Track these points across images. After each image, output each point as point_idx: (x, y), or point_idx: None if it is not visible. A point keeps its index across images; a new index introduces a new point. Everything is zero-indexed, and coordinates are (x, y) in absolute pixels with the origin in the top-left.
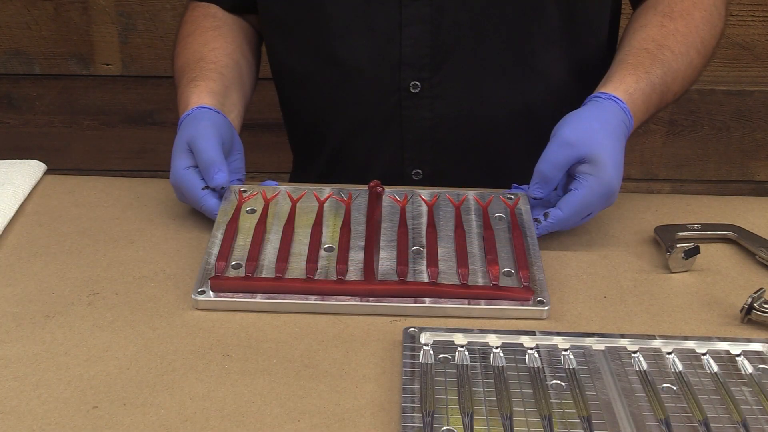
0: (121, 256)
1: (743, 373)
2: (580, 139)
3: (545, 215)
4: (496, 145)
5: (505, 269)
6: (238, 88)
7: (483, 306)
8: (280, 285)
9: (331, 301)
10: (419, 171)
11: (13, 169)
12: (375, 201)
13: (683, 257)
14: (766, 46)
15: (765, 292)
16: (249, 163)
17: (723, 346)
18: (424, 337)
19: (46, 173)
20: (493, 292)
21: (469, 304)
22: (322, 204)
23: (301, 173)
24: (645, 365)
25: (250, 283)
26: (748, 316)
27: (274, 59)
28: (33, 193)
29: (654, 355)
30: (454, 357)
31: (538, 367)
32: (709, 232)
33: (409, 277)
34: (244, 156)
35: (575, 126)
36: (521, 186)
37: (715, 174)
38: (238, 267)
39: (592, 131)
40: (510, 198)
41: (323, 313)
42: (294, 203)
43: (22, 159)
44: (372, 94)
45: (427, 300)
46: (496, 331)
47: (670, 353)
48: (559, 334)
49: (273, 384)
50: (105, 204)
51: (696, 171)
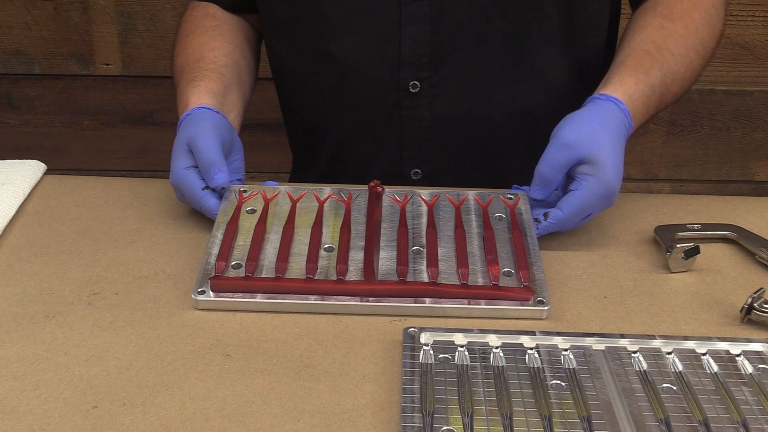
0: (121, 256)
1: (743, 373)
2: (579, 141)
3: (545, 215)
4: (495, 145)
5: (505, 269)
6: (237, 88)
7: (483, 306)
8: (280, 285)
9: (331, 301)
10: (418, 170)
11: (13, 169)
12: (375, 201)
13: (683, 257)
14: (766, 46)
15: (765, 292)
16: (249, 163)
17: (723, 346)
18: (424, 337)
19: (46, 173)
20: (493, 292)
21: (469, 304)
22: (322, 204)
23: (301, 173)
24: (645, 365)
25: (250, 283)
26: (748, 316)
27: (273, 59)
28: (33, 193)
29: (654, 355)
30: (454, 357)
31: (538, 367)
32: (709, 232)
33: (409, 277)
34: (243, 156)
35: (575, 127)
36: (522, 187)
37: (715, 174)
38: (238, 267)
39: (592, 132)
40: (510, 198)
41: (323, 313)
42: (294, 203)
43: (22, 159)
44: (371, 94)
45: (427, 300)
46: (496, 331)
47: (670, 353)
48: (559, 334)
49: (273, 384)
50: (105, 204)
51: (696, 171)
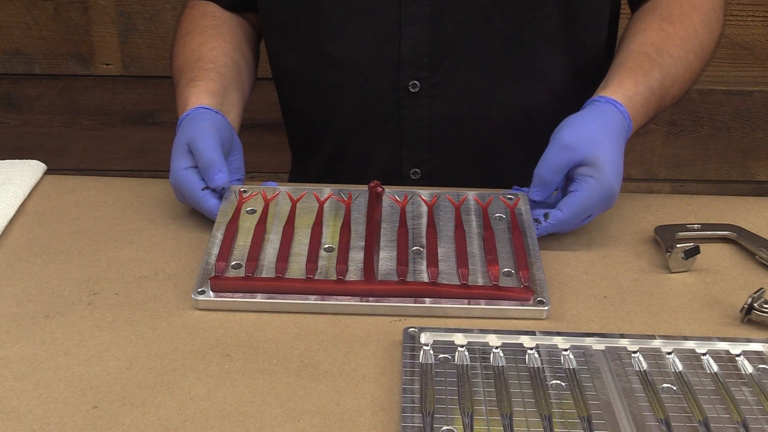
0: (121, 256)
1: (743, 373)
2: (579, 143)
3: (545, 216)
4: (494, 145)
5: (505, 269)
6: (236, 88)
7: (483, 306)
8: (280, 285)
9: (331, 301)
10: (417, 170)
11: (13, 169)
12: (375, 201)
13: (683, 257)
14: (766, 46)
15: (765, 292)
16: (249, 163)
17: (723, 346)
18: (424, 337)
19: (46, 173)
20: (493, 292)
21: (469, 304)
22: (322, 204)
23: (301, 173)
24: (645, 365)
25: (250, 283)
26: (748, 316)
27: (273, 58)
28: (33, 193)
29: (654, 355)
30: (454, 357)
31: (538, 367)
32: (709, 232)
33: (409, 277)
34: (243, 156)
35: (574, 129)
36: (522, 188)
37: (715, 174)
38: (238, 267)
39: (591, 134)
40: (510, 198)
41: (323, 313)
42: (294, 203)
43: (22, 159)
44: (371, 94)
45: (427, 300)
46: (496, 331)
47: (670, 353)
48: (559, 334)
49: (273, 384)
50: (105, 204)
51: (696, 171)
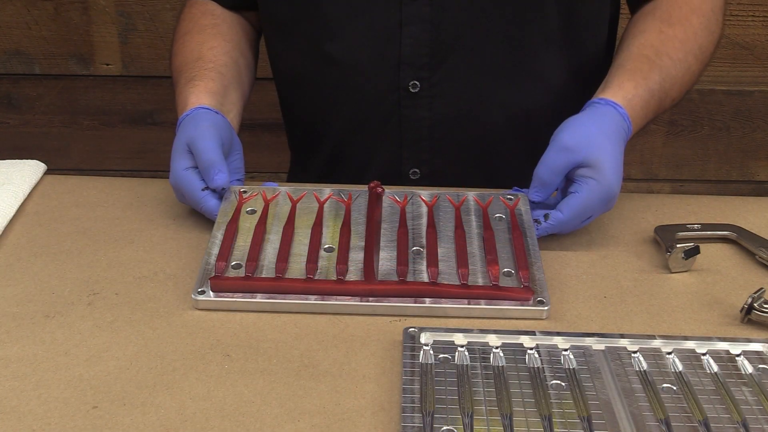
0: (121, 256)
1: (743, 373)
2: (578, 144)
3: (545, 217)
4: (493, 146)
5: (505, 269)
6: (236, 88)
7: (483, 306)
8: (280, 285)
9: (331, 301)
10: (417, 170)
11: (13, 169)
12: (375, 201)
13: (683, 257)
14: (766, 46)
15: (765, 292)
16: (249, 164)
17: (723, 346)
18: (424, 337)
19: (46, 173)
20: (493, 292)
21: (469, 304)
22: (322, 204)
23: (300, 172)
24: (645, 365)
25: (250, 283)
26: (748, 316)
27: (273, 58)
28: (33, 193)
29: (654, 355)
30: (454, 357)
31: (538, 367)
32: (709, 232)
33: (409, 277)
34: (243, 156)
35: (574, 131)
36: (522, 189)
37: (715, 174)
38: (238, 267)
39: (591, 136)
40: (510, 198)
41: (323, 313)
42: (294, 204)
43: (22, 159)
44: (371, 94)
45: (427, 300)
46: (496, 331)
47: (670, 353)
48: (559, 334)
49: (273, 384)
50: (105, 204)
51: (696, 171)
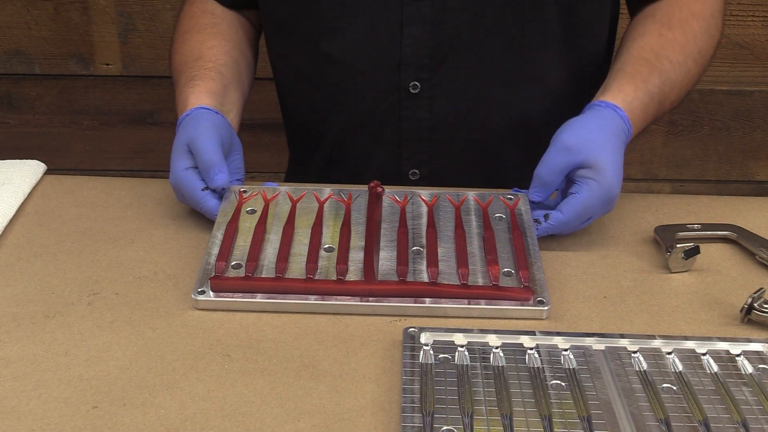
0: (121, 256)
1: (743, 373)
2: (579, 145)
3: (545, 217)
4: (493, 147)
5: (505, 269)
6: (236, 87)
7: (483, 306)
8: (280, 285)
9: (331, 301)
10: (416, 171)
11: (13, 169)
12: (375, 201)
13: (683, 257)
14: (766, 46)
15: (765, 292)
16: (249, 163)
17: (723, 346)
18: (424, 337)
19: (46, 173)
20: (493, 292)
21: (469, 304)
22: (322, 204)
23: (299, 172)
24: (645, 365)
25: (250, 283)
26: (748, 316)
27: (273, 56)
28: (33, 193)
29: (654, 355)
30: (454, 357)
31: (538, 367)
32: (709, 232)
33: (409, 277)
34: (243, 156)
35: (575, 131)
36: (522, 190)
37: (715, 174)
38: (238, 267)
39: (592, 137)
40: (510, 198)
41: (323, 313)
42: (294, 204)
43: (22, 159)
44: (371, 94)
45: (427, 300)
46: (496, 331)
47: (670, 353)
48: (559, 334)
49: (273, 384)
50: (105, 204)
51: (696, 171)
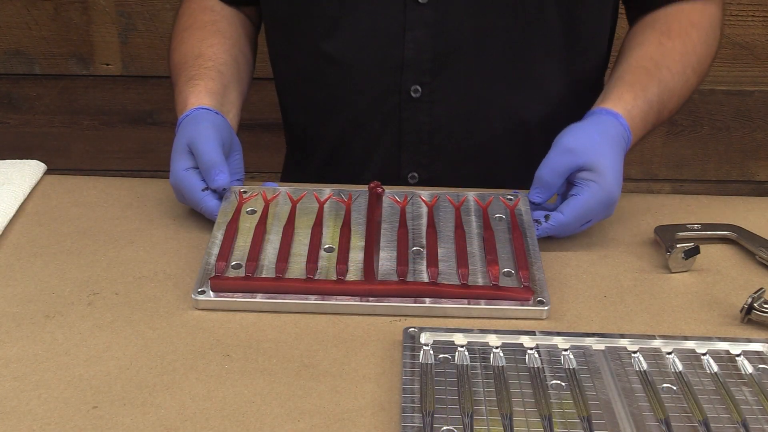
0: (121, 256)
1: (743, 373)
2: (580, 147)
3: (546, 217)
4: (492, 152)
5: (505, 269)
6: (235, 87)
7: (483, 306)
8: (280, 285)
9: (331, 301)
10: (415, 174)
11: (13, 169)
12: (375, 202)
13: (683, 257)
14: (766, 46)
15: (765, 292)
16: (249, 164)
17: (723, 346)
18: (424, 337)
19: (46, 173)
20: (493, 292)
21: (469, 304)
22: (322, 205)
23: (296, 171)
24: (645, 365)
25: (250, 283)
26: (748, 316)
27: (274, 54)
28: (33, 193)
29: (654, 355)
30: (454, 357)
31: (538, 367)
32: (709, 232)
33: (409, 277)
34: (242, 156)
35: (577, 134)
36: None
37: (715, 174)
38: (238, 267)
39: (593, 141)
40: (510, 199)
41: (323, 313)
42: (294, 204)
43: (22, 159)
44: (372, 96)
45: (427, 300)
46: (496, 331)
47: (670, 353)
48: (559, 334)
49: (273, 384)
50: (105, 204)
51: (696, 171)
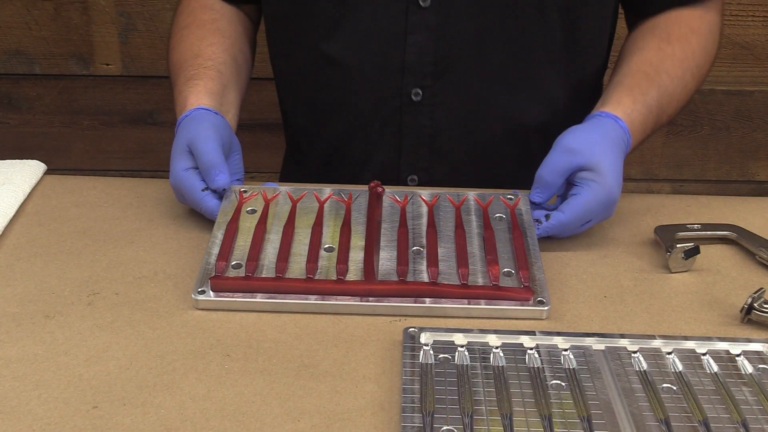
0: (121, 256)
1: (743, 373)
2: (581, 148)
3: (546, 217)
4: (492, 157)
5: (505, 269)
6: (234, 86)
7: (483, 306)
8: (280, 285)
9: (331, 301)
10: (414, 177)
11: (13, 169)
12: (375, 201)
13: (683, 257)
14: (766, 46)
15: (765, 292)
16: (249, 163)
17: (723, 346)
18: (424, 337)
19: (46, 173)
20: (493, 292)
21: (469, 304)
22: (322, 204)
23: (295, 171)
24: (645, 365)
25: (250, 283)
26: (748, 316)
27: (274, 53)
28: (33, 193)
29: (654, 355)
30: (454, 357)
31: (538, 367)
32: (709, 232)
33: (409, 277)
34: (242, 156)
35: (577, 135)
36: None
37: (715, 174)
38: (238, 267)
39: (593, 141)
40: (510, 198)
41: (323, 313)
42: (294, 203)
43: (22, 159)
44: (372, 98)
45: (427, 300)
46: (496, 331)
47: (670, 353)
48: (559, 334)
49: (273, 384)
50: (105, 204)
51: (696, 171)
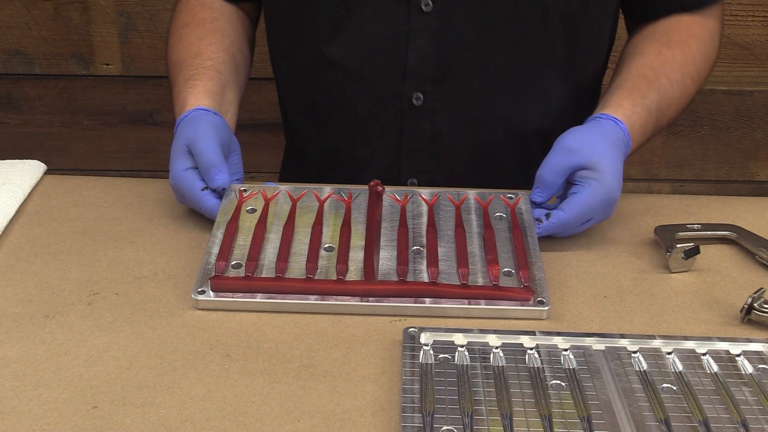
0: (121, 256)
1: (743, 373)
2: (581, 147)
3: (547, 216)
4: (491, 161)
5: (505, 269)
6: (234, 86)
7: (483, 306)
8: (280, 285)
9: (331, 301)
10: (414, 180)
11: (13, 169)
12: (375, 200)
13: (683, 257)
14: (766, 46)
15: (765, 292)
16: (249, 163)
17: (723, 346)
18: (424, 337)
19: (46, 173)
20: (493, 292)
21: (469, 304)
22: (322, 204)
23: (294, 171)
24: (645, 365)
25: (250, 283)
26: (748, 316)
27: (274, 53)
28: (33, 193)
29: (654, 355)
30: (454, 357)
31: (538, 367)
32: (709, 232)
33: (409, 277)
34: (241, 156)
35: (577, 135)
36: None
37: (715, 174)
38: (238, 267)
39: (594, 141)
40: (510, 198)
41: (323, 313)
42: (294, 203)
43: (22, 159)
44: (373, 101)
45: (427, 300)
46: (496, 331)
47: (670, 353)
48: (559, 334)
49: (273, 384)
50: (105, 204)
51: (696, 171)
